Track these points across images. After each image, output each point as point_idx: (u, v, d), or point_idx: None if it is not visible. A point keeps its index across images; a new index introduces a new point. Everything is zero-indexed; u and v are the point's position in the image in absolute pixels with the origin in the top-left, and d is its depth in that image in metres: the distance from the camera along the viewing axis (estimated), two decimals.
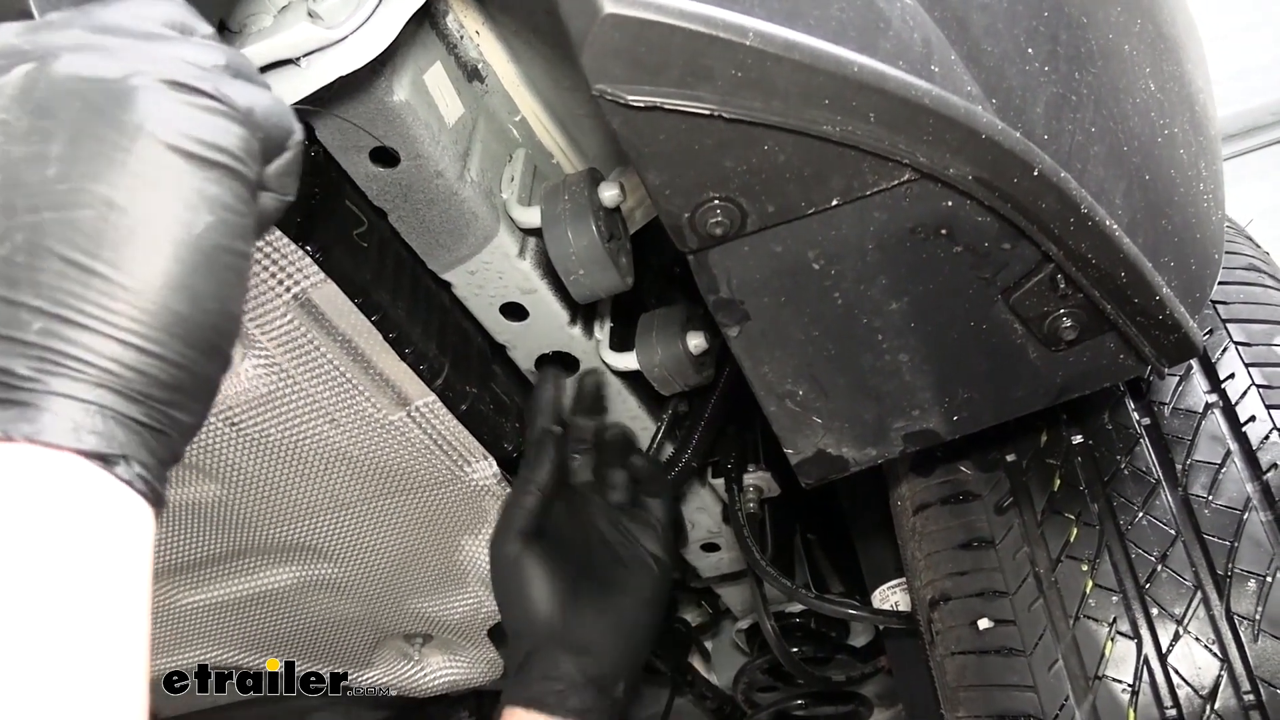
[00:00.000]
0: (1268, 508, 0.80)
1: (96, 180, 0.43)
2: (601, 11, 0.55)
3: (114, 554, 0.43)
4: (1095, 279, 0.68)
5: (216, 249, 0.45)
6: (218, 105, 0.46)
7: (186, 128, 0.45)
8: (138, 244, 0.43)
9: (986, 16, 0.64)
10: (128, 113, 0.43)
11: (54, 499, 0.41)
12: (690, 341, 1.02)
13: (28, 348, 0.41)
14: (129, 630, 0.43)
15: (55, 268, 0.42)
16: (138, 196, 0.43)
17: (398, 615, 1.40)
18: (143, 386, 0.43)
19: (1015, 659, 0.81)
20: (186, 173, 0.44)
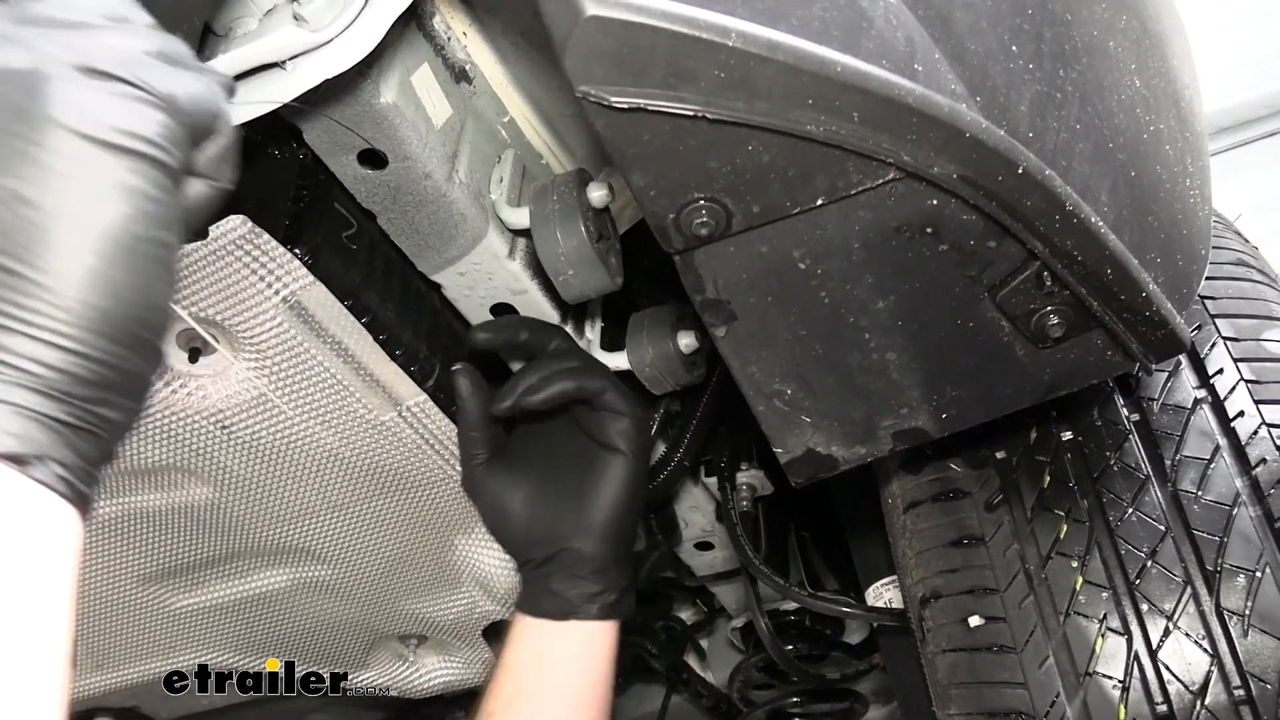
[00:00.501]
0: (1257, 503, 0.80)
1: (4, 174, 0.41)
2: (583, 13, 0.55)
3: (25, 556, 0.41)
4: (1081, 276, 0.68)
5: (136, 240, 0.44)
6: (135, 91, 0.44)
7: (100, 115, 0.43)
8: (51, 239, 0.42)
9: (970, 15, 0.64)
10: (35, 103, 0.42)
11: None
12: (681, 341, 1.02)
13: None
14: (36, 634, 0.41)
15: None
16: (49, 189, 0.42)
17: (392, 616, 1.40)
18: (64, 385, 0.42)
19: (1006, 656, 0.81)
20: (101, 162, 0.43)
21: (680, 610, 1.74)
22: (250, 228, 0.86)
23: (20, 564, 0.41)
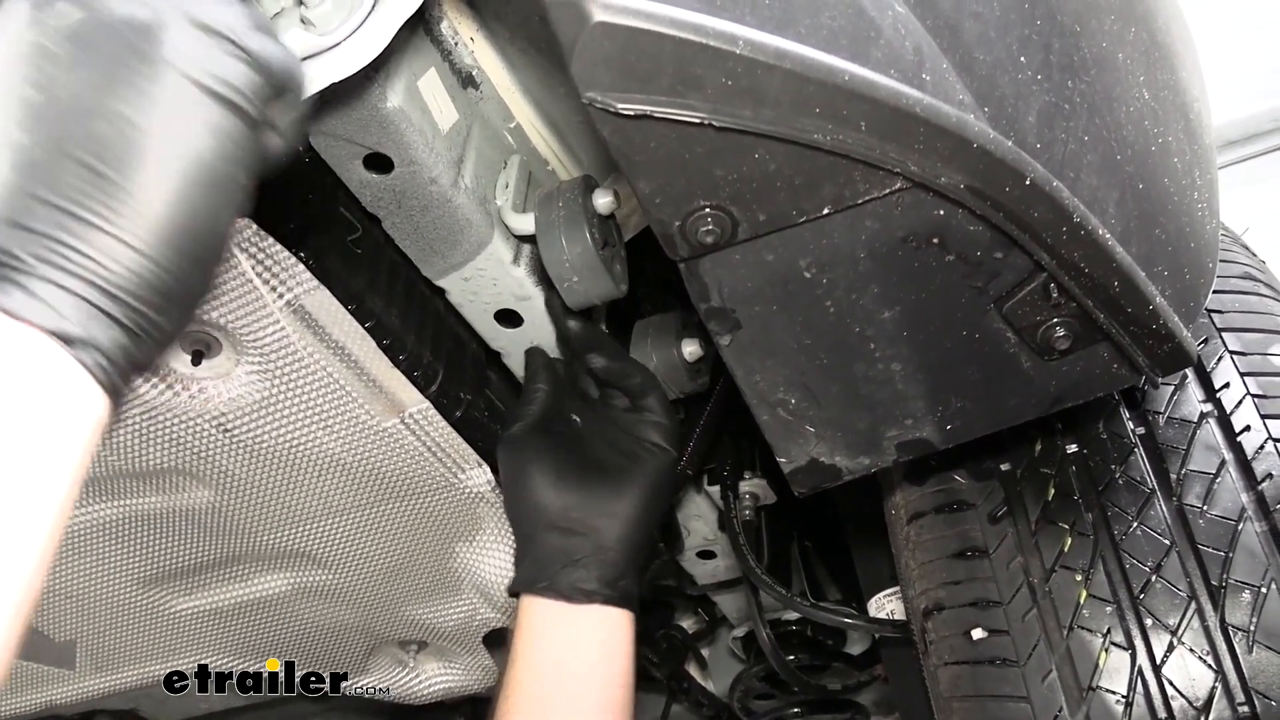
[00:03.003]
0: (1263, 518, 0.79)
1: (119, 100, 0.49)
2: (591, 20, 0.54)
3: (51, 424, 0.48)
4: (1088, 288, 0.68)
5: (215, 172, 0.52)
6: (233, 48, 0.52)
7: (204, 64, 0.51)
8: (146, 156, 0.49)
9: (979, 25, 0.63)
10: (155, 48, 0.50)
11: (8, 364, 0.46)
12: (685, 349, 1.02)
13: (32, 235, 0.47)
14: (43, 492, 0.47)
15: (71, 170, 0.48)
16: (151, 115, 0.50)
17: (392, 622, 1.39)
18: (127, 284, 0.49)
19: (1009, 669, 0.81)
20: (199, 102, 0.51)
21: (681, 619, 1.73)
22: (255, 231, 0.86)
23: (36, 427, 0.47)
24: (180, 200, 0.50)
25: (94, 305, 0.48)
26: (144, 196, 0.49)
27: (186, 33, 0.51)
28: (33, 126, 0.49)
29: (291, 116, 0.58)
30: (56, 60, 0.50)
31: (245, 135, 0.54)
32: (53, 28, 0.50)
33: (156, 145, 0.50)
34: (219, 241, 0.54)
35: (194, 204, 0.51)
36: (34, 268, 0.47)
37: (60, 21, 0.50)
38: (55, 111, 0.49)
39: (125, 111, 0.49)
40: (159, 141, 0.50)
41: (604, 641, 0.95)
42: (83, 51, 0.50)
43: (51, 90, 0.49)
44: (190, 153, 0.51)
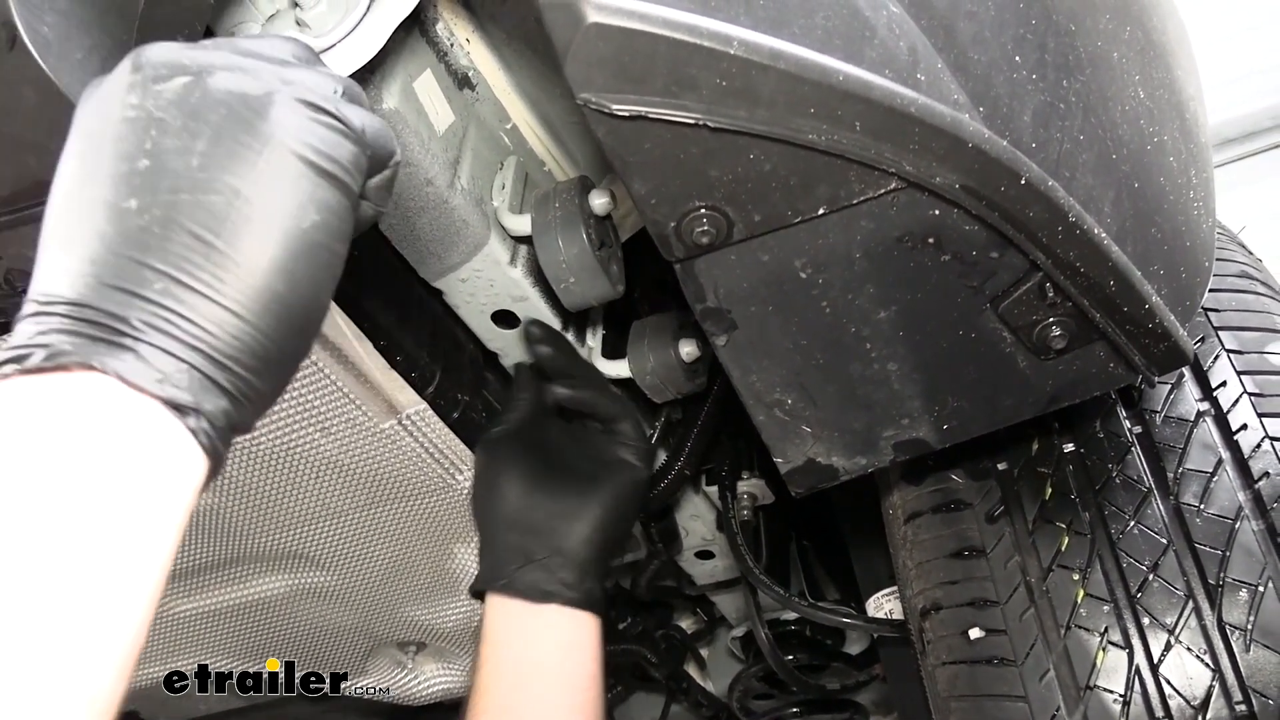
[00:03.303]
0: (1260, 517, 0.79)
1: (229, 173, 0.50)
2: (585, 21, 0.55)
3: (159, 487, 0.48)
4: (1084, 288, 0.68)
5: (318, 244, 0.53)
6: (337, 124, 0.54)
7: (310, 139, 0.52)
8: (254, 229, 0.51)
9: (973, 24, 0.63)
10: (264, 122, 0.52)
11: (122, 429, 0.47)
12: (683, 349, 1.02)
13: (145, 303, 0.48)
14: (150, 552, 0.48)
15: (182, 239, 0.49)
16: (261, 190, 0.51)
17: (391, 623, 1.40)
18: (233, 352, 0.50)
19: (1006, 669, 0.81)
20: (304, 177, 0.52)
21: (680, 619, 1.73)
22: None
23: (153, 492, 0.48)
24: (284, 271, 0.52)
25: (202, 373, 0.49)
26: (250, 267, 0.50)
27: (292, 108, 0.53)
28: (142, 194, 0.50)
29: (382, 185, 0.60)
30: (165, 129, 0.51)
31: (345, 208, 0.55)
32: (164, 98, 0.51)
33: (263, 217, 0.51)
34: (319, 311, 0.55)
35: (296, 275, 0.52)
36: (145, 334, 0.48)
37: (170, 91, 0.51)
38: (166, 181, 0.50)
39: (235, 183, 0.50)
40: (266, 214, 0.51)
41: (565, 642, 0.93)
42: (193, 122, 0.51)
43: (161, 159, 0.50)
44: (295, 225, 0.52)
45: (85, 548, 0.45)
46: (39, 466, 0.45)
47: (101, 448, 0.47)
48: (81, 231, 0.50)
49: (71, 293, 0.48)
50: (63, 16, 0.61)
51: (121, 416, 0.47)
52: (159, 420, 0.48)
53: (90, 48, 0.62)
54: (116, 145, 0.51)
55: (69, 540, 0.44)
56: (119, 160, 0.50)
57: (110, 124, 0.51)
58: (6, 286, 0.74)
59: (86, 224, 0.50)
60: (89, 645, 0.44)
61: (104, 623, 0.45)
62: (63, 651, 0.43)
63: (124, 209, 0.49)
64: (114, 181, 0.50)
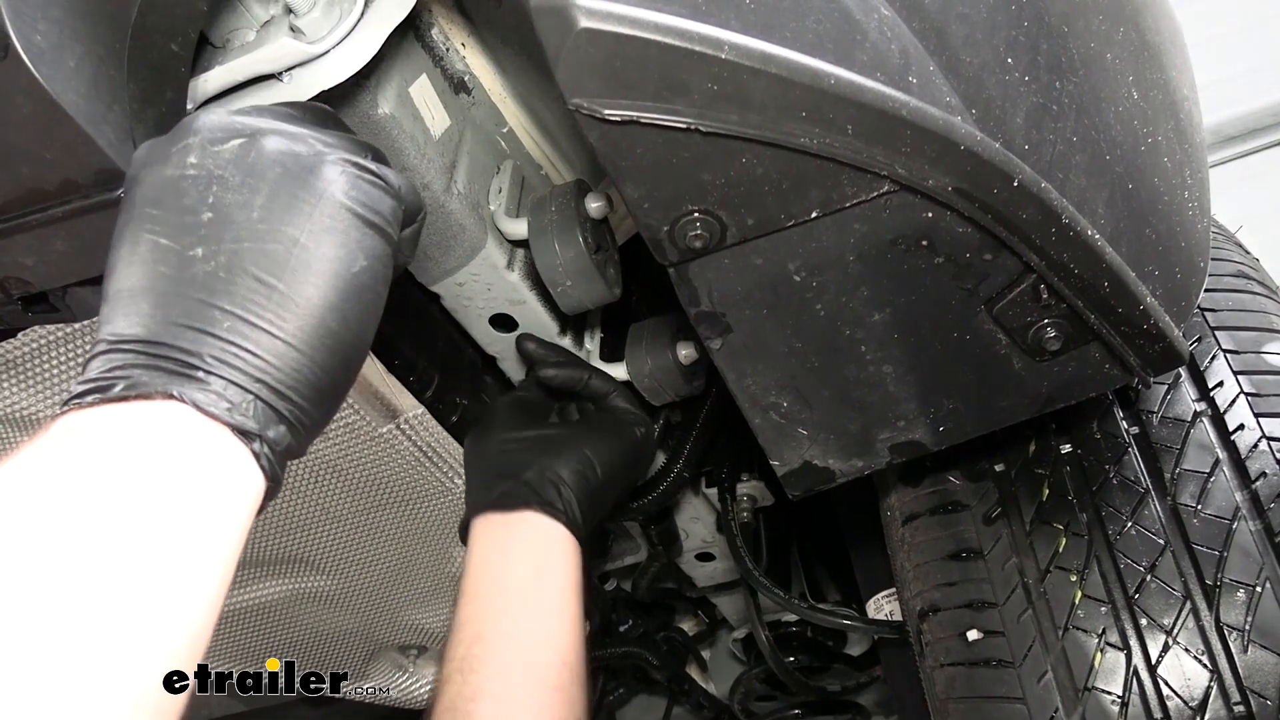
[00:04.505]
0: (1257, 517, 0.79)
1: (287, 224, 0.57)
2: (576, 26, 0.55)
3: (227, 503, 0.53)
4: (1078, 289, 0.68)
5: (365, 286, 0.60)
6: (379, 181, 0.61)
7: (356, 194, 0.59)
8: (311, 273, 0.57)
9: (965, 27, 0.63)
10: (316, 179, 0.58)
11: (197, 451, 0.53)
12: (680, 352, 1.02)
13: (215, 340, 0.54)
14: (218, 555, 0.53)
15: (246, 283, 0.55)
16: (316, 239, 0.57)
17: (391, 627, 1.40)
18: (292, 384, 0.56)
19: (1004, 670, 0.81)
20: (354, 227, 0.59)
21: (681, 621, 1.74)
22: None
23: (215, 511, 0.53)
24: (337, 311, 0.58)
25: (266, 403, 0.55)
26: (308, 307, 0.56)
27: (340, 166, 0.59)
28: (208, 243, 0.55)
29: (410, 237, 0.67)
30: (226, 185, 0.57)
31: (387, 254, 0.61)
32: (223, 157, 0.57)
33: (319, 263, 0.57)
34: (364, 347, 0.61)
35: (347, 314, 0.58)
36: (216, 368, 0.53)
37: (228, 152, 0.58)
38: (229, 231, 0.56)
39: (292, 233, 0.57)
40: (321, 260, 0.57)
41: (539, 553, 0.91)
42: (251, 179, 0.57)
43: (225, 211, 0.56)
44: (346, 269, 0.58)
45: (169, 547, 0.50)
46: (128, 481, 0.50)
47: (180, 467, 0.52)
48: (150, 277, 0.55)
49: (145, 332, 0.54)
50: (56, 25, 0.61)
51: (196, 441, 0.53)
52: (228, 445, 0.54)
53: (83, 56, 0.62)
54: (179, 199, 0.56)
55: (156, 541, 0.50)
56: (183, 213, 0.56)
57: (171, 181, 0.57)
58: (2, 293, 0.74)
59: (155, 270, 0.55)
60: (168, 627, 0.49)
61: (181, 611, 0.50)
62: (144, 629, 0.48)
63: (190, 256, 0.55)
64: (180, 232, 0.56)
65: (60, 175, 0.66)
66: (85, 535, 0.47)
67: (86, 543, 0.47)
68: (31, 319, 0.82)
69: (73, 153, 0.64)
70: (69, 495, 0.48)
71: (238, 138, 0.59)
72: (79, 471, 0.50)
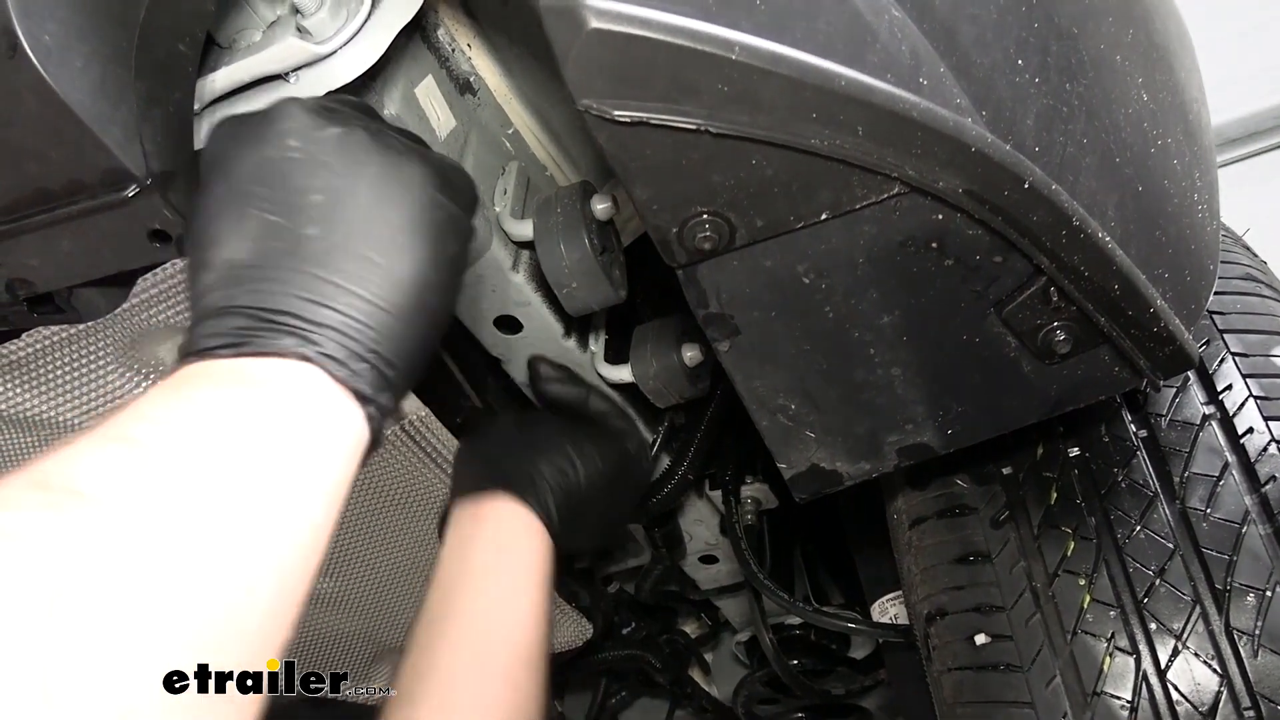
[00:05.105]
0: (1267, 521, 0.79)
1: (392, 209, 0.62)
2: (586, 27, 0.54)
3: (344, 453, 0.59)
4: (1088, 292, 0.68)
5: (457, 268, 0.66)
6: (461, 171, 0.69)
7: (440, 184, 0.65)
8: (414, 254, 0.62)
9: (976, 28, 0.63)
10: (412, 170, 0.64)
11: (324, 407, 0.58)
12: (685, 354, 1.02)
13: (334, 312, 0.59)
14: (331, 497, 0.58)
15: (359, 262, 0.60)
16: (417, 223, 0.63)
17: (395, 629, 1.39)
18: (397, 353, 0.61)
19: (1013, 675, 0.80)
20: (445, 214, 0.65)
21: (684, 624, 1.73)
22: None
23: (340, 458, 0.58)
24: (436, 289, 0.63)
25: (379, 370, 0.60)
26: (411, 285, 0.61)
27: (424, 161, 0.65)
28: (321, 223, 0.60)
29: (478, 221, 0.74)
30: (333, 171, 0.61)
31: (469, 238, 0.68)
32: (325, 144, 0.62)
33: (420, 245, 0.62)
34: (448, 322, 0.67)
35: (441, 291, 0.64)
36: (335, 337, 0.58)
37: (328, 139, 0.62)
38: (340, 213, 0.60)
39: (395, 218, 0.62)
40: (422, 242, 0.62)
41: (503, 534, 0.91)
42: (355, 166, 0.62)
43: (335, 194, 0.61)
44: (442, 251, 0.64)
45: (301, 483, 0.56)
46: (269, 421, 0.55)
47: (311, 417, 0.57)
48: (263, 251, 0.59)
49: (269, 300, 0.58)
50: (63, 24, 0.61)
51: (324, 397, 0.58)
52: (347, 406, 0.59)
53: (90, 55, 0.62)
54: (286, 180, 0.61)
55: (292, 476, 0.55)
56: (293, 193, 0.60)
57: (274, 162, 0.61)
58: (7, 294, 0.74)
59: (267, 244, 0.59)
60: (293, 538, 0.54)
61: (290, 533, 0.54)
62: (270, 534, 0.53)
63: (306, 235, 0.59)
64: (291, 211, 0.60)
65: (67, 175, 0.65)
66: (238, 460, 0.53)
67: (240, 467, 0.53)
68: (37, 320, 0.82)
69: (80, 153, 0.64)
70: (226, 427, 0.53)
71: (334, 126, 0.63)
72: (227, 406, 0.54)
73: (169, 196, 0.68)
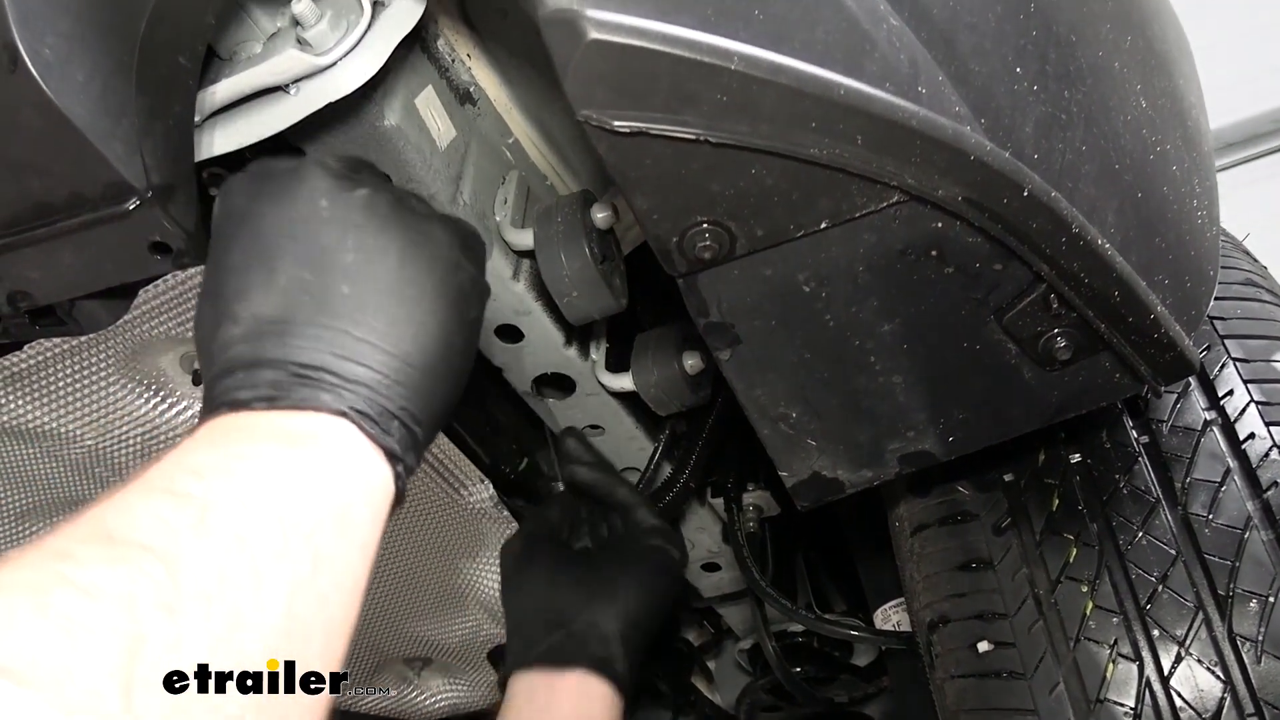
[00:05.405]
0: (1269, 526, 0.79)
1: (422, 273, 0.63)
2: (585, 38, 0.54)
3: (375, 510, 0.59)
4: (1088, 298, 0.68)
5: (475, 328, 0.68)
6: (476, 235, 0.71)
7: (466, 248, 0.67)
8: (441, 316, 0.63)
9: (974, 36, 0.63)
10: (437, 234, 0.65)
11: (359, 465, 0.58)
12: (687, 362, 1.02)
13: (368, 370, 0.59)
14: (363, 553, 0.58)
15: (388, 323, 0.61)
16: (444, 287, 0.64)
17: (397, 639, 1.39)
18: (422, 415, 0.62)
19: (1016, 682, 0.80)
20: (467, 276, 0.67)
21: (687, 631, 1.73)
22: None
23: (372, 514, 0.59)
24: (458, 350, 0.65)
25: (407, 428, 0.61)
26: (438, 346, 0.63)
27: (446, 224, 0.67)
28: (354, 282, 0.61)
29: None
30: (365, 232, 0.62)
31: (486, 293, 0.70)
32: (355, 206, 0.63)
33: (446, 307, 0.64)
34: (467, 379, 0.68)
35: (464, 352, 0.66)
36: (370, 395, 0.59)
37: (358, 201, 0.63)
38: (372, 273, 0.61)
39: (424, 282, 0.63)
40: (447, 304, 0.64)
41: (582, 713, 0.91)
42: (385, 228, 0.63)
43: (367, 255, 0.62)
44: (465, 314, 0.66)
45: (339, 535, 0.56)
46: (307, 486, 0.55)
47: (347, 474, 0.58)
48: (293, 307, 0.60)
49: (302, 356, 0.58)
50: (64, 38, 0.61)
51: (357, 454, 0.59)
52: (378, 463, 0.59)
53: (91, 69, 0.62)
54: (318, 238, 0.61)
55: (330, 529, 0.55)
56: (325, 251, 0.61)
57: (305, 220, 0.62)
58: (9, 306, 0.74)
59: (298, 299, 0.60)
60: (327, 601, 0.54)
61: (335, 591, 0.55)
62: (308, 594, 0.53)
63: (339, 292, 0.60)
64: (322, 269, 0.61)
65: (68, 189, 0.66)
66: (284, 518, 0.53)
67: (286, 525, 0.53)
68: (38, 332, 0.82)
69: (81, 166, 0.64)
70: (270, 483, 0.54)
71: (362, 188, 0.64)
72: (270, 462, 0.55)
73: (169, 209, 0.68)
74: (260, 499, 0.53)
